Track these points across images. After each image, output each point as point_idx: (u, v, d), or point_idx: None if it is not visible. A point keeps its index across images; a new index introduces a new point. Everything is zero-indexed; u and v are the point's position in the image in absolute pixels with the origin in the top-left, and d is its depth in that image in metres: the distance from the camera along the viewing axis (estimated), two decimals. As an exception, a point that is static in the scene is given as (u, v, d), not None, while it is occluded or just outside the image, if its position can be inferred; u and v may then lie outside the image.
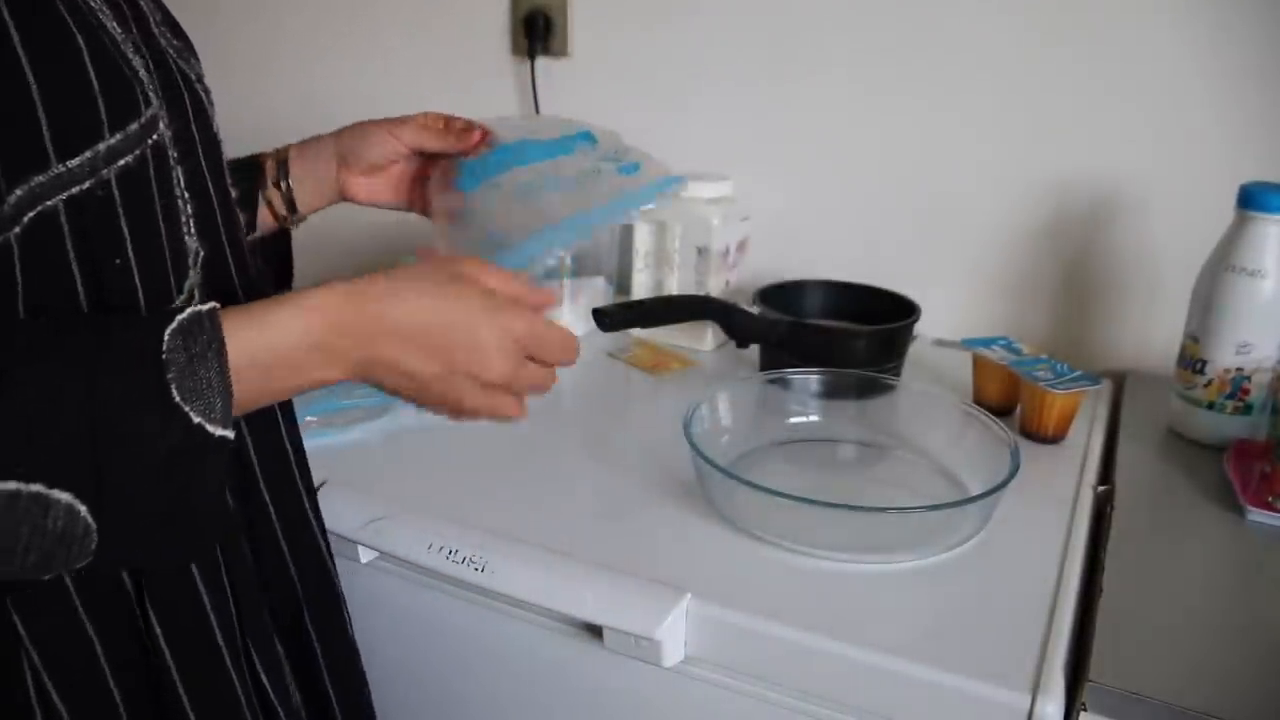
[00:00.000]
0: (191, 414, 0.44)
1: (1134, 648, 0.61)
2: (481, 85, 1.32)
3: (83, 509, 0.42)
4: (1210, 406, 0.86)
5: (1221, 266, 0.83)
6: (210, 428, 0.45)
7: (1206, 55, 0.96)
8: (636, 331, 1.10)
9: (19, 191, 0.44)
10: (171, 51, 0.56)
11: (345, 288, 0.51)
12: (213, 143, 0.58)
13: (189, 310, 0.46)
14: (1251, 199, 0.82)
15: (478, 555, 0.70)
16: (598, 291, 1.14)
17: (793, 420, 0.89)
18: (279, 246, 0.81)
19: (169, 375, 0.43)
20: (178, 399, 0.43)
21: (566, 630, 0.70)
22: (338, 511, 0.76)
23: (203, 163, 0.55)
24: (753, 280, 1.10)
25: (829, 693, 0.63)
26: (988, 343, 0.94)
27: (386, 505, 0.76)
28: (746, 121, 1.18)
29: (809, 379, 0.89)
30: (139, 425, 0.43)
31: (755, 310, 0.98)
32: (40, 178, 0.44)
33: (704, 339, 1.09)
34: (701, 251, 1.07)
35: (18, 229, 0.44)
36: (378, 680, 0.81)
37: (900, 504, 0.72)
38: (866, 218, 1.16)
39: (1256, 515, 0.75)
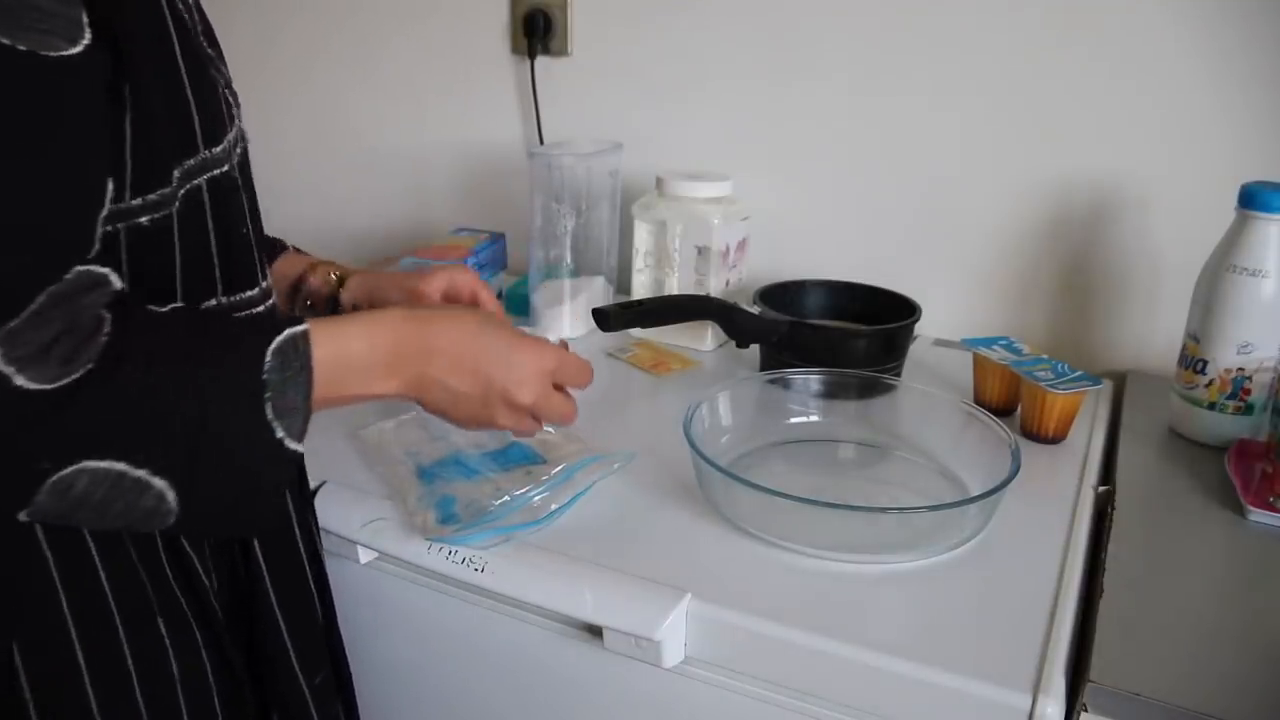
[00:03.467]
0: (277, 430, 0.51)
1: (1135, 648, 0.61)
2: (481, 84, 1.32)
3: (171, 496, 0.49)
4: (1211, 406, 0.86)
5: (1222, 266, 0.83)
6: (289, 443, 0.52)
7: (1207, 55, 0.96)
8: (636, 331, 1.10)
9: (177, 171, 0.53)
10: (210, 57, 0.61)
11: (404, 312, 0.61)
12: (243, 142, 0.65)
13: (287, 331, 0.53)
14: (1252, 199, 0.82)
15: (478, 555, 0.70)
16: (598, 291, 1.14)
17: (793, 420, 0.89)
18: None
19: (266, 395, 0.51)
20: (270, 416, 0.51)
21: (566, 630, 0.70)
22: (338, 512, 0.76)
23: None
24: (753, 280, 1.10)
25: (829, 693, 0.63)
26: (988, 343, 0.94)
27: (386, 505, 0.76)
28: (747, 121, 1.18)
29: (809, 379, 0.89)
30: (235, 435, 0.50)
31: (755, 310, 0.98)
32: (191, 161, 0.54)
33: (704, 339, 1.09)
34: (701, 251, 1.07)
35: (177, 204, 0.54)
36: (378, 680, 0.81)
37: (901, 504, 0.72)
38: (867, 217, 1.16)
39: (1257, 515, 0.75)
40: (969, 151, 1.09)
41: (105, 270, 0.49)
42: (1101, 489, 0.82)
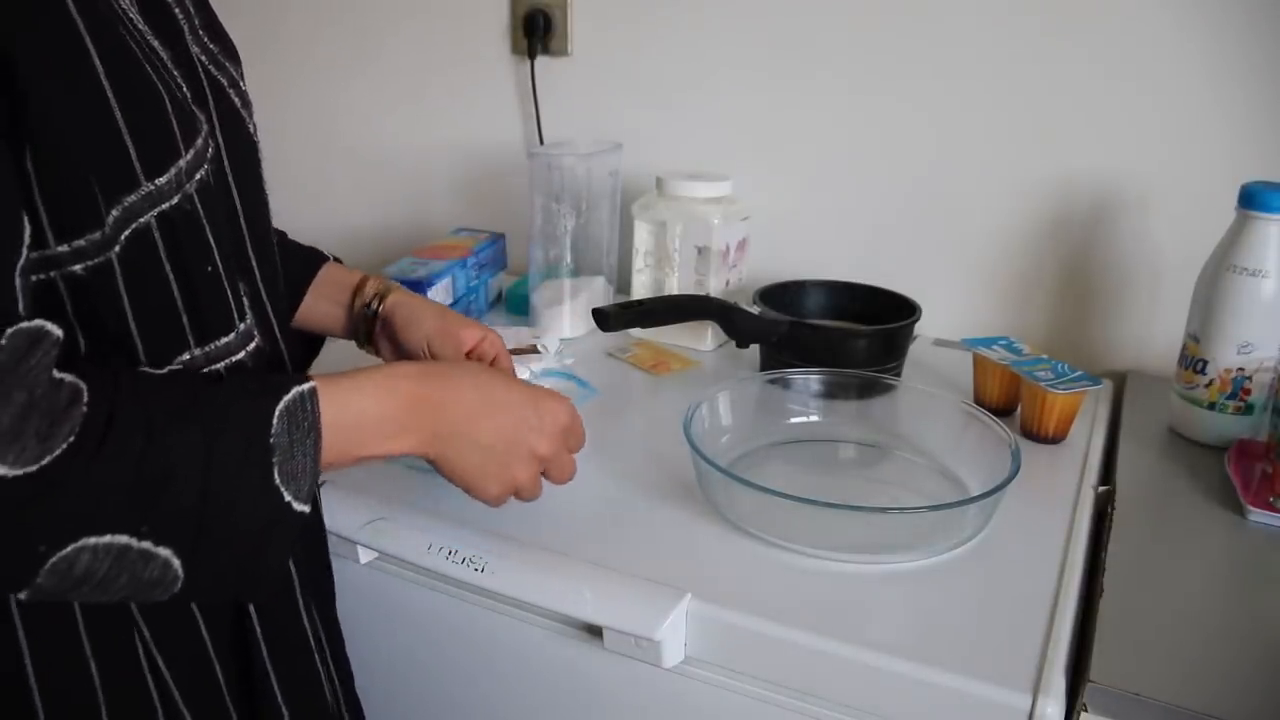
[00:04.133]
0: (285, 493, 0.49)
1: (1135, 648, 0.61)
2: (481, 84, 1.32)
3: (177, 563, 0.46)
4: (1211, 406, 0.86)
5: (1222, 266, 0.83)
6: (296, 505, 0.50)
7: (1207, 55, 0.96)
8: (636, 331, 1.10)
9: (115, 212, 0.47)
10: (204, 59, 0.58)
11: (419, 367, 0.60)
12: (244, 145, 0.61)
13: (294, 390, 0.51)
14: (1252, 199, 0.82)
15: (478, 555, 0.70)
16: (598, 291, 1.14)
17: (793, 420, 0.89)
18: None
19: (274, 459, 0.49)
20: (277, 481, 0.49)
21: (566, 630, 0.70)
22: (338, 511, 0.76)
23: (228, 170, 0.58)
24: (753, 280, 1.10)
25: (829, 693, 0.63)
26: (988, 343, 0.94)
27: (386, 505, 0.76)
28: (747, 121, 1.18)
29: (809, 379, 0.89)
30: (242, 501, 0.48)
31: (755, 310, 0.98)
32: (132, 197, 0.48)
33: (704, 339, 1.09)
34: (701, 251, 1.07)
35: (117, 248, 0.48)
36: (377, 680, 0.80)
37: (901, 504, 0.72)
38: (867, 217, 1.16)
39: (1258, 515, 0.75)
40: (969, 151, 1.09)
41: (38, 323, 0.43)
42: (1101, 489, 0.82)
